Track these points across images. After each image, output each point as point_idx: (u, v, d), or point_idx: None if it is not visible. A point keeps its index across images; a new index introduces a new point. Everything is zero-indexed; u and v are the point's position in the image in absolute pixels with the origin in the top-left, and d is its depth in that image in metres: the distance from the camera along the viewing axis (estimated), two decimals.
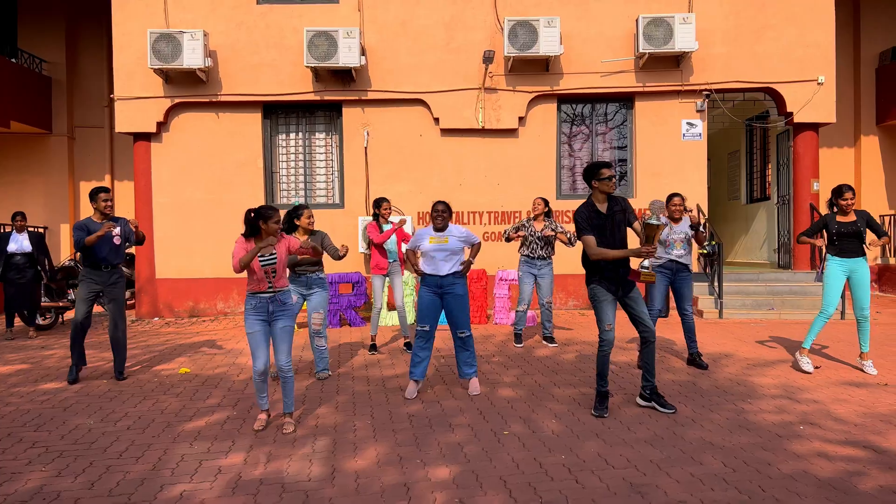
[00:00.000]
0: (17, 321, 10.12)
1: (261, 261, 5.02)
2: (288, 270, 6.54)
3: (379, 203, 7.96)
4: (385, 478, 4.07)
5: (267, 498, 3.79)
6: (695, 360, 7.04)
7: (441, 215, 5.94)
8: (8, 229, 9.88)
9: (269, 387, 5.38)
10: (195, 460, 4.41)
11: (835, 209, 6.75)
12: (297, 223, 6.52)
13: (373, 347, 8.01)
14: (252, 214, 4.98)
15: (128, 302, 12.27)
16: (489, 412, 5.41)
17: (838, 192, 6.65)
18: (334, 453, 4.50)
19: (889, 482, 3.93)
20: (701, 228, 6.96)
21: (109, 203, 6.75)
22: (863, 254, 6.70)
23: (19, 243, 9.50)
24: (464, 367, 6.06)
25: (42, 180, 13.93)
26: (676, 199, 6.96)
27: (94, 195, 6.72)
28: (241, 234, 5.07)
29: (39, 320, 10.16)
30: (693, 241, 7.01)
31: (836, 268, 6.71)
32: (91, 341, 8.75)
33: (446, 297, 5.96)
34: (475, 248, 6.17)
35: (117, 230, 6.67)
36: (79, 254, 6.86)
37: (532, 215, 8.25)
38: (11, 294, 9.52)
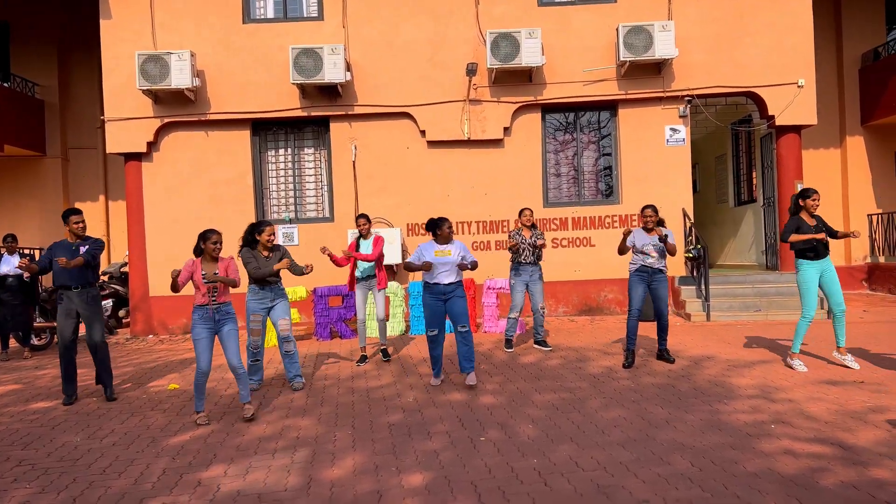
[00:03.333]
0: (13, 342, 10.23)
1: (204, 280, 5.72)
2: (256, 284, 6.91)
3: (357, 219, 8.17)
4: (359, 486, 4.17)
5: None
6: (662, 355, 7.51)
7: (451, 230, 6.77)
8: (1, 251, 10.02)
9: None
10: (176, 474, 4.51)
11: (801, 212, 7.02)
12: (258, 238, 6.80)
13: (363, 359, 8.12)
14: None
15: (123, 320, 12.40)
16: (468, 419, 5.51)
17: (805, 193, 6.98)
18: (312, 464, 4.60)
19: (850, 477, 4.03)
20: (669, 240, 7.29)
21: (81, 224, 6.84)
22: (828, 252, 7.00)
23: (11, 265, 9.64)
24: (464, 363, 6.64)
25: (37, 202, 14.09)
26: (648, 211, 7.40)
27: (65, 217, 6.86)
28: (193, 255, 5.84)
29: (34, 341, 10.27)
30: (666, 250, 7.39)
31: (812, 270, 6.94)
32: (87, 360, 8.87)
33: (449, 301, 6.67)
34: (472, 264, 6.80)
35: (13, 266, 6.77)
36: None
37: (521, 225, 8.54)
38: (4, 316, 9.65)
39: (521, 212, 8.58)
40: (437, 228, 6.69)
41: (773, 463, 4.30)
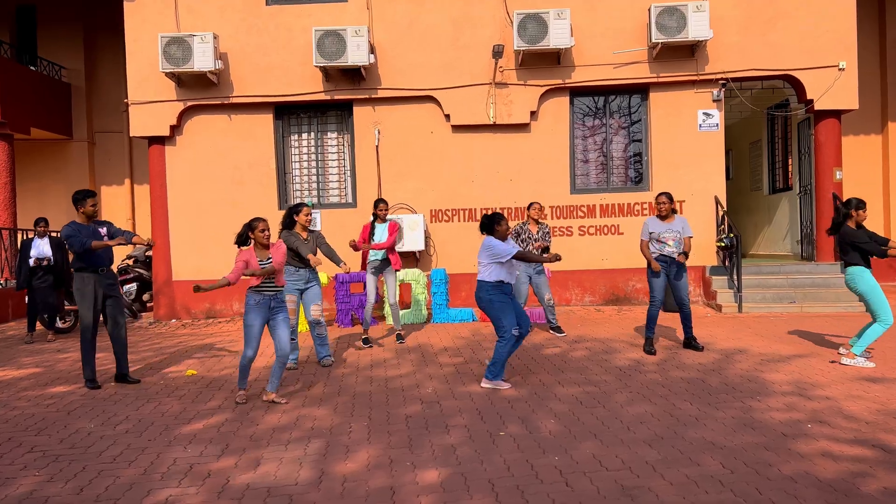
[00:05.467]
0: (39, 326, 10.27)
1: (260, 264, 5.71)
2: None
3: (376, 204, 8.37)
4: (372, 481, 4.01)
5: (251, 502, 3.76)
6: (690, 343, 7.44)
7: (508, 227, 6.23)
8: (30, 235, 10.06)
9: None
10: (186, 464, 4.40)
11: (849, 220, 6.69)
12: (296, 219, 7.03)
13: (365, 341, 8.33)
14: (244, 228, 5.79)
15: (147, 304, 12.43)
16: (488, 412, 5.32)
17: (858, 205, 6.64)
18: (325, 456, 4.46)
19: (894, 484, 3.76)
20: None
21: (97, 207, 6.74)
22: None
23: (39, 249, 9.66)
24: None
25: (63, 186, 14.16)
26: (662, 198, 7.40)
27: (81, 199, 6.53)
28: (241, 247, 5.79)
29: (59, 324, 10.31)
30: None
31: (870, 275, 6.58)
32: (104, 344, 8.85)
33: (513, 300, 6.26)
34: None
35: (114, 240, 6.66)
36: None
37: (528, 218, 8.62)
38: (34, 299, 9.68)
39: (529, 205, 8.65)
40: (496, 225, 6.09)
41: (810, 466, 4.05)
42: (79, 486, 4.09)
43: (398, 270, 8.40)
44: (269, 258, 5.76)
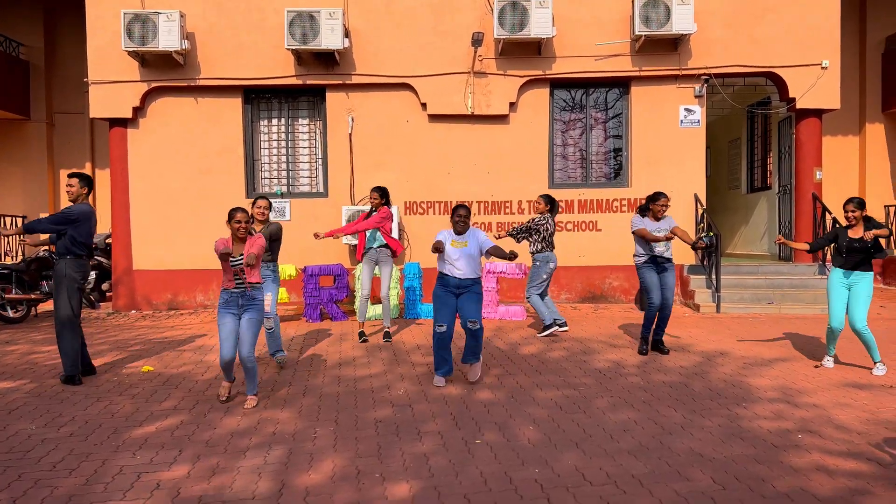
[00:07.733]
0: None
1: (231, 261, 5.27)
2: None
3: (370, 192, 8.03)
4: (338, 496, 3.68)
5: None
6: (657, 345, 7.23)
7: (463, 220, 5.91)
8: None
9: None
10: (134, 473, 4.02)
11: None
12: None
13: (361, 335, 8.01)
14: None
15: (107, 294, 11.89)
16: (463, 418, 5.01)
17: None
18: (287, 466, 4.11)
19: (895, 502, 3.54)
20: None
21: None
22: (865, 267, 6.35)
23: None
24: (468, 355, 5.98)
25: (20, 168, 13.52)
26: (664, 200, 7.12)
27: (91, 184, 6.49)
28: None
29: (10, 313, 9.77)
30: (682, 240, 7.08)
31: (833, 277, 6.46)
32: (45, 337, 8.39)
33: (462, 295, 5.93)
34: (493, 248, 5.89)
35: None
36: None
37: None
38: None
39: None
40: (452, 215, 5.99)
41: (805, 481, 3.81)
42: (11, 497, 3.69)
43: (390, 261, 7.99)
44: (241, 254, 5.29)
